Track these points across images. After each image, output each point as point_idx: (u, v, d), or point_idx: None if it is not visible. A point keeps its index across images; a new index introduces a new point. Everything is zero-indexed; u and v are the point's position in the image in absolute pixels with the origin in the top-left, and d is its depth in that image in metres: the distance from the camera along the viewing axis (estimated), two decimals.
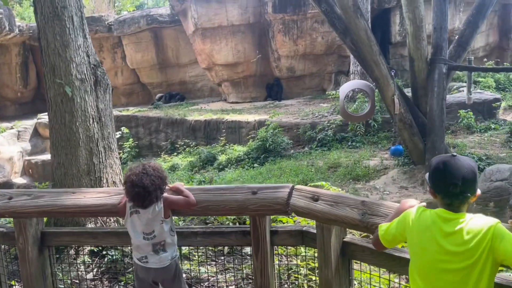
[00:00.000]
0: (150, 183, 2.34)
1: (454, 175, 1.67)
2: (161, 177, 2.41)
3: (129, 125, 13.81)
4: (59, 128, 3.59)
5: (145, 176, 2.36)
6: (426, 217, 1.73)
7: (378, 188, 7.98)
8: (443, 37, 7.94)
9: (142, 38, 17.01)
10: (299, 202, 2.18)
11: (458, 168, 1.68)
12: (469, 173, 1.68)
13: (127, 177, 2.39)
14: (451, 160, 1.70)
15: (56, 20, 3.47)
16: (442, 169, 1.70)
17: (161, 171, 2.45)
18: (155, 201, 2.37)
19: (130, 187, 2.35)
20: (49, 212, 2.60)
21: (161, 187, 2.40)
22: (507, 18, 16.10)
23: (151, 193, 2.34)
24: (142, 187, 2.32)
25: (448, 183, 1.68)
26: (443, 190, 1.70)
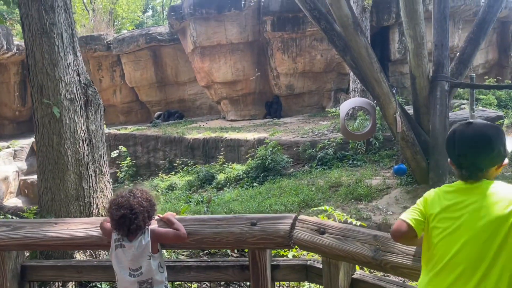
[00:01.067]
0: (138, 204, 2.14)
1: (462, 144, 1.51)
2: (149, 200, 2.21)
3: (127, 143, 13.64)
4: (46, 151, 3.40)
5: (132, 198, 2.16)
6: (443, 193, 1.60)
7: (381, 208, 7.75)
8: (445, 54, 7.83)
9: (141, 57, 16.99)
10: (303, 235, 1.97)
11: (469, 137, 1.51)
12: (482, 142, 1.49)
13: (112, 201, 2.19)
14: (464, 128, 1.53)
15: (45, 38, 3.31)
16: (452, 137, 1.55)
17: (149, 194, 2.26)
18: (142, 227, 2.16)
19: (116, 209, 2.14)
20: (29, 245, 2.39)
21: (149, 211, 2.19)
22: (506, 36, 16.10)
23: (138, 215, 2.12)
24: (128, 208, 2.12)
25: (456, 154, 1.53)
26: (454, 161, 1.56)
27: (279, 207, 7.79)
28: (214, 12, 14.29)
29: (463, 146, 1.52)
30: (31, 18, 3.31)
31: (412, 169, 8.03)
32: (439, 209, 1.57)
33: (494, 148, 1.51)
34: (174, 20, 15.28)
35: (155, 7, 31.78)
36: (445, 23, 7.86)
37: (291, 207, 7.82)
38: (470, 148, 1.50)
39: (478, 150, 1.49)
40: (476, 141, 1.50)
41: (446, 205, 1.56)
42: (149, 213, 2.17)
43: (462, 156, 1.52)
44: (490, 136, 1.50)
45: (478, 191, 1.52)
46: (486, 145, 1.50)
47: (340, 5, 7.00)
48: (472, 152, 1.50)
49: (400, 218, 1.68)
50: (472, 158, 1.50)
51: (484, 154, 1.50)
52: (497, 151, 1.52)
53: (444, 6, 7.84)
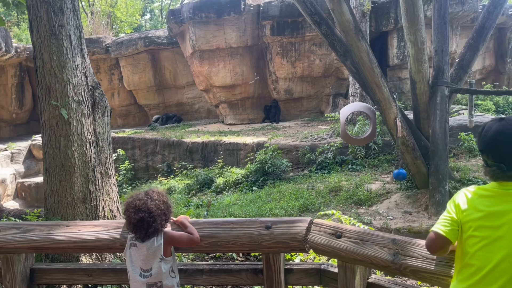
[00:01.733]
0: (155, 207, 2.13)
1: (489, 139, 1.51)
2: (166, 202, 2.20)
3: (125, 147, 13.59)
4: (53, 153, 3.37)
5: (149, 201, 2.15)
6: (478, 198, 1.53)
7: (381, 213, 7.76)
8: (445, 60, 7.88)
9: (139, 60, 16.97)
10: (319, 239, 1.96)
11: (498, 133, 1.50)
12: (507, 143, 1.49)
13: (129, 204, 2.16)
14: (491, 123, 1.53)
15: (53, 39, 3.30)
16: (479, 132, 1.54)
17: (165, 196, 2.24)
18: (160, 230, 2.15)
19: (133, 213, 2.12)
20: (39, 247, 2.36)
21: (166, 213, 2.18)
22: (503, 42, 16.24)
23: (156, 218, 2.11)
24: (146, 211, 2.10)
25: (482, 148, 1.53)
26: (493, 160, 1.50)
27: (279, 211, 7.79)
28: (214, 16, 14.31)
29: (489, 139, 1.51)
30: (39, 19, 3.29)
31: (412, 174, 8.04)
32: (476, 216, 1.52)
33: None
34: (173, 23, 15.28)
35: (153, 11, 31.80)
36: (445, 29, 7.91)
37: (291, 211, 7.81)
38: (501, 142, 1.49)
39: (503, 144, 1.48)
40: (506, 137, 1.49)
41: (484, 212, 1.51)
42: (166, 216, 2.16)
43: (488, 151, 1.50)
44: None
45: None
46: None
47: (342, 10, 7.03)
48: (497, 146, 1.49)
49: (433, 230, 1.63)
50: (494, 151, 1.49)
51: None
52: None
53: (444, 12, 7.89)
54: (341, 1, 6.95)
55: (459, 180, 8.01)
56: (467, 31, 14.36)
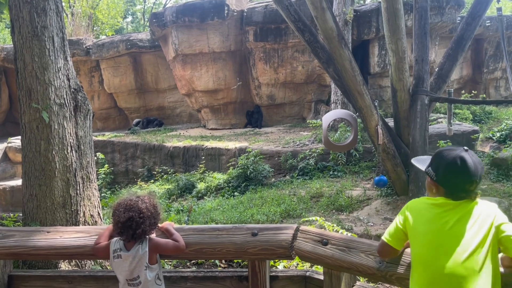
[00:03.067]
0: (146, 209, 2.12)
1: (473, 173, 1.63)
2: (156, 207, 2.18)
3: (104, 150, 13.38)
4: (33, 157, 3.28)
5: (140, 202, 2.14)
6: (426, 205, 1.71)
7: (362, 219, 7.83)
8: (425, 69, 8.04)
9: (120, 63, 16.78)
10: (305, 246, 1.97)
11: (476, 165, 1.65)
12: (483, 169, 1.69)
13: (119, 204, 2.14)
14: (468, 156, 1.66)
15: (35, 41, 3.22)
16: (459, 165, 1.64)
17: (156, 201, 2.23)
18: (147, 233, 2.12)
19: (123, 211, 2.09)
20: (19, 254, 2.30)
21: (155, 217, 2.16)
22: (480, 53, 16.68)
23: (145, 220, 2.09)
24: (137, 211, 2.08)
25: (466, 180, 1.63)
26: (457, 187, 1.65)
27: (261, 217, 7.78)
28: (197, 20, 14.28)
29: (474, 173, 1.65)
30: (22, 20, 3.22)
31: (393, 180, 8.16)
32: (422, 224, 1.67)
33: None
34: (156, 27, 15.18)
35: (135, 13, 31.54)
36: (426, 39, 8.07)
37: (273, 217, 7.81)
38: (479, 176, 1.66)
39: (481, 178, 1.68)
40: (481, 168, 1.67)
41: (430, 221, 1.66)
42: (154, 220, 2.13)
43: (470, 183, 1.64)
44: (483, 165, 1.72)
45: (464, 206, 1.66)
46: (482, 169, 1.70)
47: (325, 18, 7.11)
48: (479, 179, 1.66)
49: (381, 238, 1.81)
50: (478, 184, 1.66)
51: (481, 181, 1.70)
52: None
53: (425, 22, 8.06)
54: (324, 9, 7.02)
55: None
56: (445, 41, 14.71)
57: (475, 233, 1.59)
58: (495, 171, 8.87)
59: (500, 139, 11.10)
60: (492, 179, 8.66)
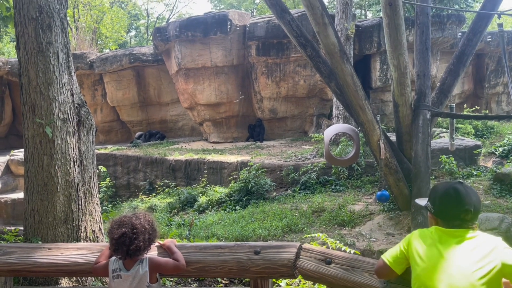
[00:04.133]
0: (139, 225, 2.10)
1: (466, 201, 1.70)
2: (151, 224, 2.17)
3: (106, 163, 13.38)
4: (35, 172, 3.28)
5: (134, 218, 2.13)
6: (428, 233, 1.76)
7: (364, 234, 7.78)
8: (427, 84, 8.07)
9: (124, 76, 16.90)
10: (308, 265, 1.95)
11: (469, 195, 1.72)
12: (479, 201, 1.75)
13: (114, 221, 2.14)
14: (461, 187, 1.73)
15: (40, 56, 3.25)
16: (452, 194, 1.72)
17: (152, 218, 2.22)
18: (142, 249, 2.10)
19: (116, 228, 2.08)
20: (20, 270, 2.28)
21: (150, 233, 2.14)
22: (481, 68, 16.75)
23: (139, 235, 2.07)
24: (129, 227, 2.07)
25: (461, 210, 1.70)
26: (453, 217, 1.71)
27: (263, 231, 7.74)
28: (200, 35, 14.41)
29: (467, 203, 1.72)
30: (27, 36, 3.25)
31: (395, 195, 8.12)
32: (423, 249, 1.72)
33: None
34: (159, 41, 15.32)
35: (139, 28, 31.87)
36: (427, 54, 8.12)
37: (275, 232, 7.77)
38: (473, 205, 1.72)
39: (477, 208, 1.74)
40: (475, 199, 1.75)
41: (429, 243, 1.72)
42: (150, 236, 2.12)
43: (465, 212, 1.71)
44: (479, 197, 1.81)
45: (460, 235, 1.71)
46: (480, 204, 1.77)
47: (327, 33, 7.16)
48: (474, 209, 1.73)
49: (382, 257, 1.83)
50: (474, 214, 1.73)
51: (478, 211, 1.76)
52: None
53: (426, 37, 8.12)
54: (326, 24, 7.08)
55: None
56: (447, 56, 14.79)
57: (475, 262, 1.63)
58: (498, 186, 8.83)
59: (503, 154, 11.07)
60: (495, 194, 8.62)
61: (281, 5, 7.87)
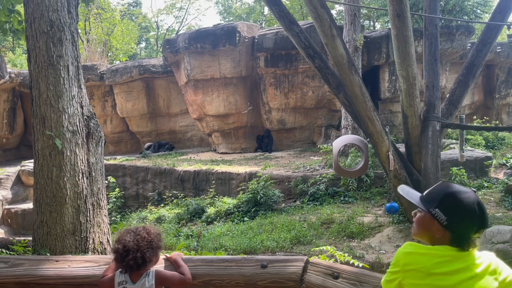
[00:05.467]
0: (144, 238, 2.12)
1: (487, 220, 1.56)
2: (156, 236, 2.18)
3: (116, 174, 13.45)
4: (45, 183, 3.31)
5: (139, 231, 2.15)
6: (427, 257, 1.53)
7: (373, 247, 7.70)
8: (436, 95, 8.03)
9: (133, 87, 17.07)
10: (316, 279, 1.93)
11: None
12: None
13: (119, 234, 2.16)
14: (481, 201, 1.56)
15: (51, 69, 3.30)
16: (478, 211, 1.52)
17: (157, 231, 2.23)
18: (148, 263, 2.10)
19: (121, 241, 2.10)
20: (27, 283, 2.28)
21: (156, 247, 2.15)
22: (491, 78, 16.64)
23: (144, 248, 2.08)
24: (134, 240, 2.09)
25: (481, 228, 1.55)
26: (468, 234, 1.53)
27: (271, 243, 7.69)
28: (209, 46, 14.54)
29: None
30: (38, 50, 3.31)
31: (404, 207, 8.04)
32: (424, 274, 1.51)
33: None
34: (168, 53, 15.48)
35: (149, 40, 32.26)
36: (436, 65, 8.10)
37: (283, 243, 7.72)
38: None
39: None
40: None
41: (436, 272, 1.51)
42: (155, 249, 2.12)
43: (483, 229, 1.57)
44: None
45: (469, 259, 1.53)
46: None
47: (335, 44, 7.18)
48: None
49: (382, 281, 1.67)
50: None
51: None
52: None
53: (435, 49, 8.11)
54: (334, 36, 7.10)
55: None
56: (456, 67, 14.73)
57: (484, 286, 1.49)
58: (509, 198, 8.71)
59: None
60: (507, 206, 8.49)
61: (290, 17, 7.92)
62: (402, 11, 6.94)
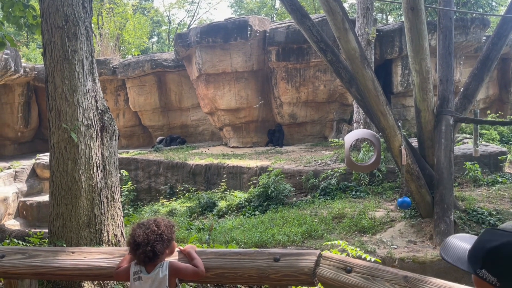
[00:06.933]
0: (158, 230, 2.16)
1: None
2: (169, 228, 2.21)
3: (128, 168, 13.58)
4: (60, 176, 3.37)
5: (152, 223, 2.19)
6: None
7: (385, 241, 7.67)
8: (449, 89, 7.94)
9: (146, 82, 17.17)
10: (329, 273, 1.93)
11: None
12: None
13: (134, 226, 2.20)
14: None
15: (66, 64, 3.35)
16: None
17: (170, 224, 2.26)
18: (161, 255, 2.14)
19: (135, 232, 2.14)
20: (44, 274, 2.33)
21: (169, 239, 2.18)
22: (507, 72, 16.37)
23: (157, 240, 2.11)
24: (148, 231, 2.14)
25: None
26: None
27: (282, 237, 7.71)
28: (220, 41, 14.53)
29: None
30: (53, 44, 3.35)
31: (417, 202, 7.98)
32: None
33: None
34: (180, 47, 15.51)
35: (160, 34, 32.35)
36: (450, 59, 7.99)
37: (295, 237, 7.73)
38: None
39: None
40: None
41: None
42: (168, 241, 2.15)
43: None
44: None
45: None
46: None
47: (348, 38, 7.12)
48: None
49: None
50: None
51: None
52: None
53: (449, 42, 8.00)
54: (347, 30, 7.05)
55: (464, 210, 7.94)
56: (470, 61, 14.51)
57: None
58: None
59: None
60: None
61: (302, 11, 7.87)
62: (415, 4, 6.85)
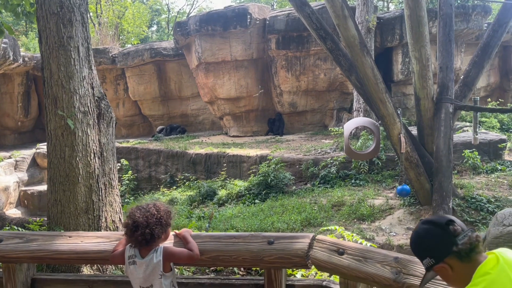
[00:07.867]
0: (154, 214, 2.17)
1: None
2: (165, 212, 2.22)
3: (128, 157, 13.61)
4: (58, 163, 3.38)
5: (149, 207, 2.21)
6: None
7: (384, 229, 7.72)
8: (449, 77, 7.91)
9: (145, 71, 17.11)
10: (322, 255, 1.95)
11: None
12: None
13: (131, 210, 2.22)
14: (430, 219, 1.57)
15: (61, 50, 3.34)
16: (436, 230, 1.46)
17: (167, 208, 2.27)
18: (156, 238, 2.15)
19: (132, 216, 2.16)
20: (42, 257, 2.37)
21: (165, 223, 2.19)
22: (508, 60, 16.27)
23: (153, 224, 2.12)
24: (144, 215, 2.15)
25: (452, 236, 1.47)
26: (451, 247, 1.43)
27: (281, 225, 7.76)
28: (220, 29, 14.45)
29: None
30: (49, 31, 3.34)
31: (416, 190, 8.02)
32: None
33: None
34: (179, 35, 15.43)
35: (160, 23, 32.15)
36: (450, 46, 7.95)
37: (294, 225, 7.78)
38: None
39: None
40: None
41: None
42: (163, 225, 2.17)
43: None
44: None
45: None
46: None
47: (347, 26, 7.09)
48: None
49: None
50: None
51: None
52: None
53: (449, 29, 7.95)
54: (346, 17, 7.01)
55: (463, 198, 7.97)
56: (471, 48, 14.41)
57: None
58: None
59: None
60: None
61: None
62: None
